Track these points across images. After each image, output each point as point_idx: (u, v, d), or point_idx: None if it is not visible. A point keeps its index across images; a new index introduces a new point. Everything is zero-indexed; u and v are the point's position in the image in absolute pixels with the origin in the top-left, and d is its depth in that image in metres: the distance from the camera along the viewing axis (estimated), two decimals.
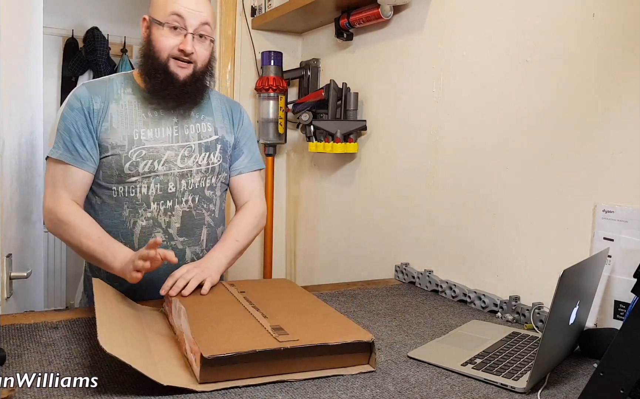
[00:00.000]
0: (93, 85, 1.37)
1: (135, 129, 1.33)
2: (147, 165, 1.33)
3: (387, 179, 1.95)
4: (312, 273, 2.42)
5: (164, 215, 1.36)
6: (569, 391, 0.97)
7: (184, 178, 1.37)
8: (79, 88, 1.36)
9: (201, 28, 1.31)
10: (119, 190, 1.33)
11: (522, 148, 1.43)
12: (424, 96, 1.76)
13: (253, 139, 1.54)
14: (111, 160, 1.32)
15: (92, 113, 1.32)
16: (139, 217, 1.34)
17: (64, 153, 1.30)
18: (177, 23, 1.29)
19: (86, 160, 1.31)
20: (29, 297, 1.78)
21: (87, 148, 1.31)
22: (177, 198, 1.36)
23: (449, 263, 1.65)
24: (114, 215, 1.34)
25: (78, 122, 1.30)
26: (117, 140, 1.32)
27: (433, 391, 0.95)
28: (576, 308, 1.04)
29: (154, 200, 1.34)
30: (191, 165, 1.37)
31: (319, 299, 1.25)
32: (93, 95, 1.34)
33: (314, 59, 2.38)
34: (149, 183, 1.33)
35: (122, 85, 1.38)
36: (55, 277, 4.01)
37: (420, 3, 1.78)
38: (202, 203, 1.41)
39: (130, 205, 1.34)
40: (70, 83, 4.01)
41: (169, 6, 1.29)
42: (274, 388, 0.92)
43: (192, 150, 1.38)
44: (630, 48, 1.19)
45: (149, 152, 1.33)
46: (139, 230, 1.34)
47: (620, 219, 1.19)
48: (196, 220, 1.40)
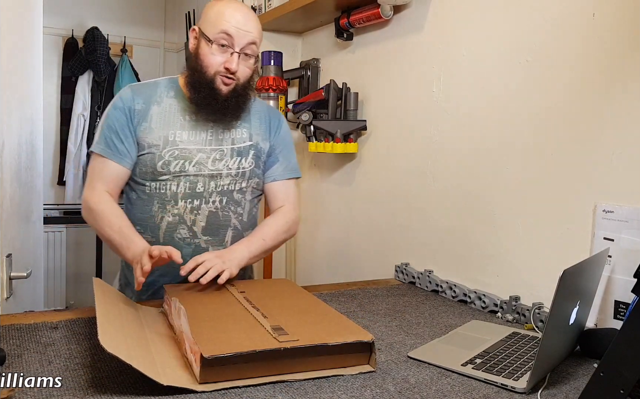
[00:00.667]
0: (137, 87, 1.45)
1: (171, 131, 1.40)
2: (179, 165, 1.39)
3: (387, 179, 1.95)
4: (312, 273, 2.42)
5: (190, 213, 1.41)
6: (569, 391, 0.97)
7: (214, 180, 1.42)
8: (124, 89, 1.44)
9: (247, 47, 1.36)
10: (151, 187, 1.41)
11: (522, 148, 1.43)
12: (424, 96, 1.76)
13: (290, 148, 1.57)
14: (146, 158, 1.39)
15: (132, 113, 1.39)
16: (166, 213, 1.41)
17: (104, 149, 1.38)
18: (225, 41, 1.34)
19: (124, 155, 1.38)
20: (29, 297, 1.78)
21: (125, 145, 1.38)
22: (204, 198, 1.42)
23: (449, 263, 1.65)
24: (145, 210, 1.42)
25: (119, 121, 1.39)
26: (153, 140, 1.39)
27: (433, 391, 0.95)
28: (576, 308, 1.03)
29: (182, 198, 1.40)
30: (221, 168, 1.42)
31: (319, 299, 1.25)
32: (136, 96, 1.41)
33: (314, 59, 2.38)
34: (179, 181, 1.40)
35: (166, 88, 1.45)
36: (55, 277, 4.01)
37: (420, 3, 1.78)
38: (229, 205, 1.45)
39: (159, 200, 1.41)
40: (70, 83, 4.01)
41: (219, 24, 1.34)
42: (274, 388, 0.92)
43: (223, 153, 1.43)
44: (630, 48, 1.19)
45: (181, 152, 1.39)
46: (165, 225, 1.41)
47: (620, 219, 1.19)
48: (222, 221, 1.44)
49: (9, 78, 1.49)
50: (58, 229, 4.02)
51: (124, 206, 1.46)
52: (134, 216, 1.42)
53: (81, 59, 3.98)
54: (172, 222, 1.40)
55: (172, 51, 4.49)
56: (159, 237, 1.41)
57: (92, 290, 1.12)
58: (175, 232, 1.40)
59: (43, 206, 2.20)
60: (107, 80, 4.07)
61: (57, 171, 4.08)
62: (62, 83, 4.04)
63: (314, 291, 1.53)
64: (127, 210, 1.45)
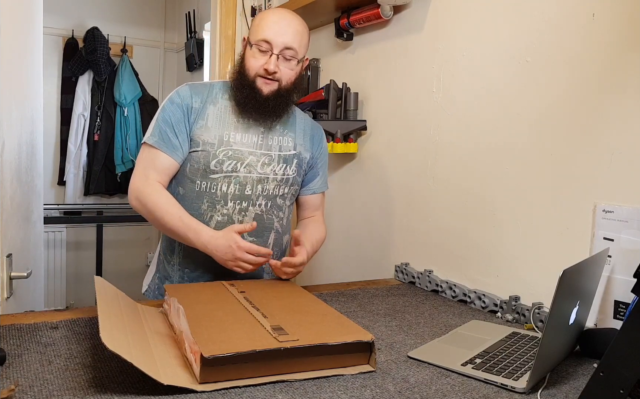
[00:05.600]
0: (195, 86, 1.50)
1: (226, 131, 1.45)
2: (231, 165, 1.44)
3: (387, 179, 1.95)
4: (312, 273, 2.42)
5: (238, 214, 1.46)
6: (569, 391, 0.97)
7: (260, 183, 1.47)
8: (182, 86, 1.49)
9: (285, 51, 1.42)
10: (201, 185, 1.45)
11: (522, 148, 1.43)
12: (424, 96, 1.76)
13: (327, 162, 1.66)
14: (200, 155, 1.44)
15: (190, 110, 1.45)
16: (215, 212, 1.45)
17: (158, 141, 1.43)
18: (264, 46, 1.42)
19: (176, 149, 1.43)
20: (29, 297, 1.78)
21: (179, 139, 1.43)
22: (252, 200, 1.47)
23: (449, 263, 1.65)
24: (194, 207, 1.45)
25: (175, 115, 1.44)
26: (209, 138, 1.44)
27: (433, 391, 0.95)
28: (576, 308, 1.04)
29: (232, 199, 1.45)
30: (269, 173, 1.48)
31: (319, 299, 1.26)
32: (194, 94, 1.46)
33: (314, 59, 2.38)
34: (229, 182, 1.45)
35: (220, 90, 1.50)
36: (55, 277, 4.01)
37: (420, 3, 1.78)
38: (273, 209, 1.51)
39: (209, 199, 1.45)
40: (71, 84, 4.02)
41: (260, 32, 1.43)
42: (274, 388, 0.92)
43: (272, 158, 1.48)
44: (630, 48, 1.19)
45: (234, 153, 1.44)
46: (214, 224, 1.45)
47: (620, 219, 1.19)
48: (266, 223, 1.50)
49: (9, 79, 1.49)
50: (58, 229, 4.02)
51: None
52: None
53: (81, 59, 3.98)
54: (220, 222, 1.45)
55: (172, 51, 4.50)
56: None
57: (93, 289, 1.12)
58: None
59: (43, 207, 2.20)
60: (107, 80, 4.07)
61: (57, 171, 4.08)
62: (62, 83, 4.04)
63: (314, 291, 1.53)
64: None
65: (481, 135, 1.55)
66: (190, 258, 1.48)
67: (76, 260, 4.15)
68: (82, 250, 4.16)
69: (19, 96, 1.63)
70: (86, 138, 4.05)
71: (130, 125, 4.08)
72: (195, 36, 4.02)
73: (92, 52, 3.94)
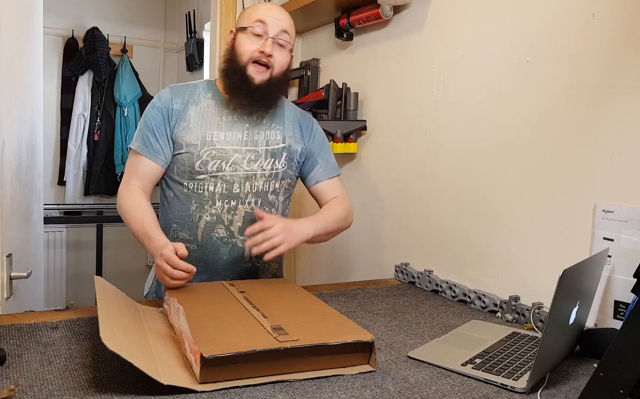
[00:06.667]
0: (177, 88, 1.49)
1: (209, 131, 1.43)
2: (216, 164, 1.42)
3: (387, 179, 1.95)
4: (312, 273, 2.42)
5: (227, 213, 1.45)
6: (569, 391, 0.97)
7: (248, 181, 1.45)
8: (163, 90, 1.49)
9: (281, 35, 1.41)
10: (189, 186, 1.44)
11: (522, 148, 1.43)
12: (424, 96, 1.76)
13: (327, 148, 1.60)
14: (184, 157, 1.43)
15: (170, 113, 1.44)
16: (204, 212, 1.44)
17: (140, 145, 1.44)
18: (259, 29, 1.40)
19: (158, 153, 1.43)
20: (29, 297, 1.78)
21: (160, 143, 1.43)
22: (240, 199, 1.45)
23: (449, 263, 1.65)
24: (183, 208, 1.46)
25: (156, 119, 1.44)
26: (191, 139, 1.42)
27: (433, 391, 0.95)
28: (576, 308, 1.04)
29: (220, 199, 1.44)
30: (256, 169, 1.45)
31: (319, 299, 1.25)
32: (175, 96, 1.46)
33: (314, 59, 2.38)
34: (216, 182, 1.43)
35: (204, 90, 1.49)
36: (55, 277, 4.01)
37: (420, 3, 1.78)
38: (264, 206, 1.48)
39: (197, 200, 1.44)
40: (71, 84, 4.02)
41: (254, 15, 1.42)
42: (274, 388, 0.92)
43: (258, 154, 1.46)
44: (630, 48, 1.19)
45: (218, 152, 1.43)
46: (203, 224, 1.44)
47: (620, 219, 1.19)
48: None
49: (9, 79, 1.49)
50: (58, 229, 4.02)
51: (161, 204, 1.52)
52: (172, 214, 1.47)
53: (81, 59, 3.98)
54: (210, 222, 1.44)
55: (172, 51, 4.50)
56: (197, 236, 1.45)
57: (93, 289, 1.12)
58: (213, 232, 1.44)
59: (43, 206, 2.20)
60: (107, 80, 4.07)
61: (57, 171, 4.08)
62: (62, 84, 4.04)
63: (314, 291, 1.53)
64: (165, 208, 1.50)
65: (481, 134, 1.55)
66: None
67: (76, 260, 4.15)
68: (82, 250, 4.16)
69: (19, 96, 1.63)
70: (86, 138, 4.05)
71: (130, 125, 4.08)
72: (195, 36, 4.02)
73: (92, 52, 3.94)
